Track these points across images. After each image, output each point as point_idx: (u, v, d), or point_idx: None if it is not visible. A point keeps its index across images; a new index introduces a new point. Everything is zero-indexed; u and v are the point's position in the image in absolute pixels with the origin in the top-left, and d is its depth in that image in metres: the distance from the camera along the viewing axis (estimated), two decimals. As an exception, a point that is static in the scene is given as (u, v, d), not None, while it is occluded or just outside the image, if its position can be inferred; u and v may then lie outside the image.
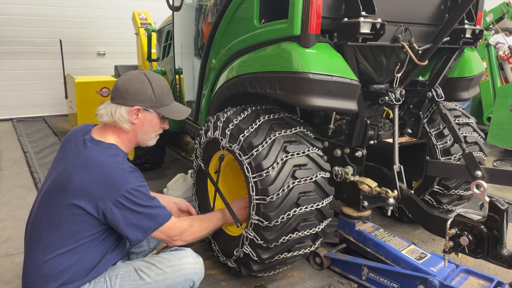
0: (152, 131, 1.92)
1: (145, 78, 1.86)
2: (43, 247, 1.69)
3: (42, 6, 6.86)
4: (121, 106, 1.81)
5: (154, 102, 1.86)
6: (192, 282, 1.83)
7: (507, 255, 1.78)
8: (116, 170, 1.68)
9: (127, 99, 1.81)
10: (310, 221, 2.16)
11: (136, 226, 1.69)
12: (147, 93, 1.84)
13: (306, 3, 2.00)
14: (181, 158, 4.95)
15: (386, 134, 2.53)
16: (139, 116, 1.84)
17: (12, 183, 4.08)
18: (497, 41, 5.73)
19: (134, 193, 1.66)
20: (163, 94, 1.90)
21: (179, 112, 2.00)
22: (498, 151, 5.46)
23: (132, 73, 1.90)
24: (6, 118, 6.97)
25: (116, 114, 1.80)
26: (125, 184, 1.65)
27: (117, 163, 1.71)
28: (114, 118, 1.80)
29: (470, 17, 2.51)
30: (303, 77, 2.01)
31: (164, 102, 1.90)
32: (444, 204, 2.90)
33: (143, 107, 1.83)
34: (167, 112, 1.92)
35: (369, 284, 2.40)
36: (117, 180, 1.66)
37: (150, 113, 1.87)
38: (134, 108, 1.81)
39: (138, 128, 1.87)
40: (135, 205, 1.67)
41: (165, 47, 4.50)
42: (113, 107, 1.81)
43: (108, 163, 1.70)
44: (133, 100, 1.82)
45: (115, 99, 1.84)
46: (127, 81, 1.85)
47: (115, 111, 1.80)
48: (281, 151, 2.12)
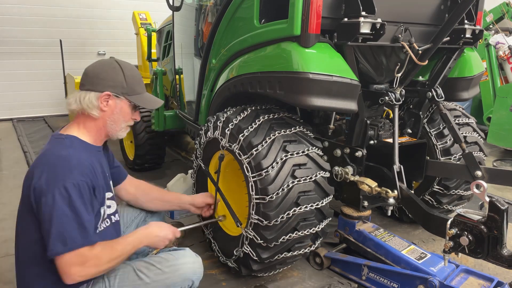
0: (123, 120, 1.83)
1: (116, 65, 1.79)
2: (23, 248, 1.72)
3: (42, 6, 6.86)
4: (90, 92, 1.73)
5: (126, 88, 1.78)
6: (191, 281, 1.82)
7: (507, 255, 1.78)
8: (61, 159, 1.59)
9: (97, 84, 1.73)
10: (310, 221, 2.16)
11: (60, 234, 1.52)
12: (118, 79, 1.76)
13: (306, 3, 2.00)
14: (181, 158, 4.95)
15: (386, 134, 2.53)
16: (109, 103, 1.75)
17: (12, 183, 4.08)
18: (497, 41, 5.73)
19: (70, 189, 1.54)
20: (135, 82, 1.82)
21: (150, 101, 1.91)
22: (498, 151, 5.46)
23: (103, 60, 1.84)
24: (6, 118, 6.97)
25: (84, 100, 1.71)
26: (64, 176, 1.55)
27: (66, 154, 1.61)
28: (82, 104, 1.71)
29: (470, 17, 2.51)
30: (303, 77, 2.01)
31: (136, 90, 1.82)
32: (444, 204, 2.90)
33: (113, 93, 1.75)
34: (139, 100, 1.83)
35: (369, 284, 2.40)
36: (58, 170, 1.57)
37: (121, 100, 1.78)
38: (104, 93, 1.73)
39: (108, 116, 1.77)
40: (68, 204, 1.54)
41: (165, 47, 4.50)
42: (82, 93, 1.73)
43: (56, 152, 1.63)
44: (103, 85, 1.74)
45: (84, 86, 1.75)
46: (98, 66, 1.78)
47: (84, 97, 1.72)
48: (281, 150, 2.12)
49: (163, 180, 3.97)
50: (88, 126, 1.77)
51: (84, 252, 1.57)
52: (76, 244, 1.54)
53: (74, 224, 1.55)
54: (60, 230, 1.53)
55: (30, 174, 1.63)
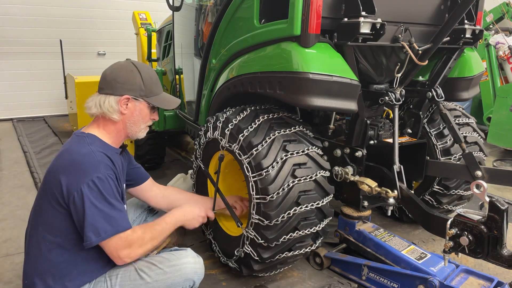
0: (142, 121, 1.88)
1: (133, 67, 1.82)
2: (36, 243, 1.71)
3: (42, 6, 6.86)
4: (109, 96, 1.77)
5: (144, 91, 1.82)
6: (192, 282, 1.83)
7: (507, 255, 1.78)
8: (85, 156, 1.65)
9: (116, 88, 1.77)
10: (310, 220, 2.16)
11: (91, 221, 1.60)
12: (136, 81, 1.80)
13: (306, 3, 2.00)
14: (181, 158, 4.95)
15: (386, 134, 2.53)
16: (128, 105, 1.80)
17: (12, 183, 4.08)
18: (497, 41, 5.73)
19: (98, 183, 1.61)
20: (152, 83, 1.86)
21: (168, 101, 1.95)
22: (498, 151, 5.46)
23: (120, 62, 1.86)
24: (6, 118, 6.97)
25: (105, 104, 1.76)
26: (90, 171, 1.62)
27: (89, 150, 1.67)
28: (103, 109, 1.76)
29: (470, 17, 2.51)
30: (303, 77, 2.01)
31: (154, 91, 1.86)
32: (444, 204, 2.90)
33: (132, 96, 1.79)
34: (157, 101, 1.88)
35: (369, 284, 2.40)
36: (84, 166, 1.62)
37: (140, 102, 1.83)
38: (124, 97, 1.78)
39: (128, 118, 1.83)
40: (97, 197, 1.61)
41: (165, 47, 4.50)
42: (101, 98, 1.78)
43: (79, 149, 1.67)
44: (122, 89, 1.78)
45: (103, 90, 1.80)
46: (115, 70, 1.81)
47: (104, 101, 1.76)
48: (281, 150, 2.13)
49: (163, 180, 3.97)
50: (108, 128, 1.82)
51: (126, 236, 1.67)
52: (107, 234, 1.62)
53: (105, 215, 1.62)
54: (91, 222, 1.59)
55: (54, 170, 1.67)
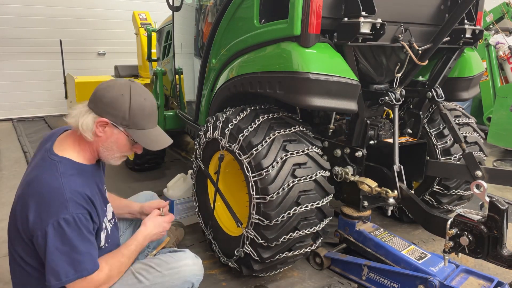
0: (117, 150, 1.70)
1: (126, 91, 1.62)
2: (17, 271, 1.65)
3: (42, 6, 6.86)
4: (91, 113, 1.62)
5: (126, 120, 1.62)
6: (191, 284, 1.81)
7: (507, 255, 1.78)
8: (54, 193, 1.50)
9: (98, 106, 1.62)
10: (310, 220, 2.16)
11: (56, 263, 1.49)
12: (121, 107, 1.61)
13: (306, 3, 2.00)
14: (181, 158, 4.94)
15: (386, 134, 2.53)
16: (105, 129, 1.63)
17: (12, 183, 4.08)
18: (497, 41, 5.73)
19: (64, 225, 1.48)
20: (142, 116, 1.65)
21: (155, 141, 1.72)
22: (498, 151, 5.46)
23: (118, 81, 1.68)
24: (6, 118, 6.97)
25: (81, 119, 1.61)
26: (58, 211, 1.48)
27: (59, 185, 1.51)
28: (79, 121, 1.61)
29: (470, 17, 2.51)
30: (303, 77, 2.01)
31: (139, 125, 1.65)
32: (444, 204, 2.90)
33: (112, 122, 1.62)
34: (139, 137, 1.67)
35: (369, 284, 2.40)
36: (51, 204, 1.49)
37: (119, 131, 1.64)
38: (102, 119, 1.61)
39: (102, 142, 1.66)
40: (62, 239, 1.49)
41: (165, 47, 4.50)
42: (84, 110, 1.63)
43: (49, 181, 1.52)
44: (104, 110, 1.61)
45: (90, 102, 1.65)
46: (107, 88, 1.64)
47: (83, 115, 1.61)
48: (281, 150, 2.13)
49: (163, 180, 3.97)
50: (83, 145, 1.67)
51: (92, 278, 1.57)
52: (69, 278, 1.51)
53: (68, 258, 1.50)
54: (52, 265, 1.49)
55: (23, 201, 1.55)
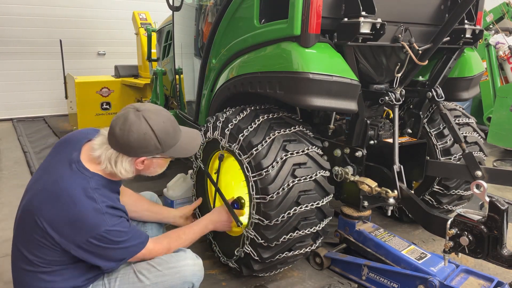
0: (160, 169, 1.80)
1: (146, 127, 1.61)
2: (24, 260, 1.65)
3: (42, 6, 6.87)
4: (122, 156, 1.63)
5: (160, 149, 1.68)
6: (191, 284, 1.81)
7: (507, 255, 1.78)
8: (90, 210, 1.54)
9: (130, 152, 1.64)
10: (310, 220, 2.16)
11: (108, 258, 1.64)
12: (151, 143, 1.64)
13: (306, 3, 2.00)
14: (181, 158, 4.94)
15: (386, 134, 2.53)
16: (145, 163, 1.71)
17: (12, 183, 4.07)
18: (497, 41, 5.73)
19: (107, 234, 1.56)
20: (169, 137, 1.70)
21: (187, 149, 1.81)
22: (498, 151, 5.46)
23: (131, 119, 1.61)
24: (6, 118, 6.97)
25: (117, 166, 1.63)
26: (97, 227, 1.54)
27: (94, 201, 1.55)
28: (115, 170, 1.63)
29: (470, 17, 2.51)
30: (303, 77, 2.01)
31: (171, 144, 1.72)
32: (444, 204, 2.90)
33: (149, 157, 1.69)
34: (176, 152, 1.75)
35: (369, 284, 2.40)
36: (90, 222, 1.54)
37: (157, 158, 1.73)
38: (139, 159, 1.67)
39: (144, 171, 1.75)
40: (107, 243, 1.58)
41: (165, 47, 4.50)
42: (113, 154, 1.62)
43: (83, 200, 1.54)
44: (137, 152, 1.64)
45: (114, 145, 1.63)
46: (127, 132, 1.59)
47: (116, 161, 1.63)
48: (281, 150, 2.13)
49: (163, 180, 3.96)
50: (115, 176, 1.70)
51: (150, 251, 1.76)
52: (125, 259, 1.70)
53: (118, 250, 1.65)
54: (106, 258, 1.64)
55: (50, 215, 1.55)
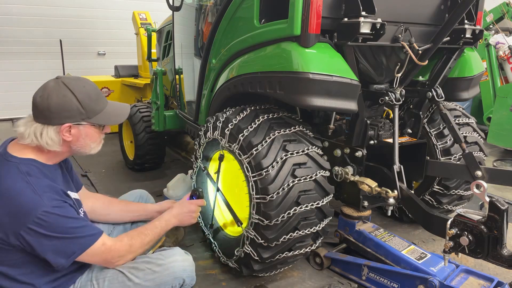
0: (91, 141, 1.70)
1: (65, 90, 1.58)
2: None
3: (42, 6, 6.87)
4: (47, 126, 1.56)
5: (85, 113, 1.61)
6: (182, 280, 1.78)
7: (507, 255, 1.78)
8: (24, 193, 1.47)
9: (51, 118, 1.56)
10: (310, 220, 2.16)
11: (56, 251, 1.51)
12: (72, 106, 1.58)
13: (306, 3, 2.00)
14: (181, 158, 4.94)
15: (386, 134, 2.53)
16: (72, 132, 1.61)
17: (12, 183, 4.07)
18: (497, 41, 5.73)
19: (46, 217, 1.46)
20: (92, 101, 1.64)
21: (116, 115, 1.76)
22: (498, 151, 5.46)
23: (49, 85, 1.60)
24: (6, 118, 6.97)
25: (42, 137, 1.56)
26: (35, 208, 1.45)
27: (27, 183, 1.48)
28: (40, 141, 1.56)
29: (470, 17, 2.51)
30: (303, 77, 2.01)
31: (96, 109, 1.66)
32: (444, 204, 2.90)
33: (74, 123, 1.60)
34: (103, 119, 1.69)
35: (369, 284, 2.40)
36: (25, 204, 1.46)
37: (84, 126, 1.64)
38: (64, 125, 1.58)
39: (73, 143, 1.65)
40: (50, 230, 1.48)
41: (165, 47, 4.50)
42: (37, 128, 1.56)
43: (15, 185, 1.48)
44: (60, 117, 1.57)
45: (38, 118, 1.58)
46: (46, 97, 1.56)
47: (41, 132, 1.56)
48: (281, 150, 2.13)
49: (163, 180, 3.97)
50: (47, 154, 1.64)
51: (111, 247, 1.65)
52: (76, 253, 1.56)
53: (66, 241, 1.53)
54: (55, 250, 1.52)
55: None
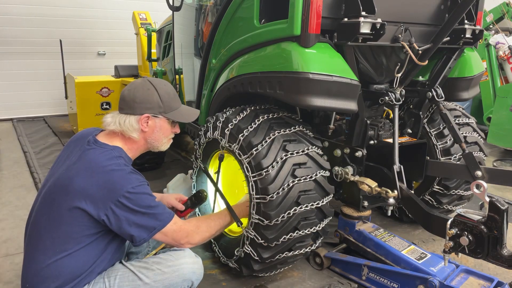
0: (163, 136, 1.92)
1: (150, 85, 1.85)
2: (43, 250, 1.68)
3: (42, 6, 6.87)
4: (130, 116, 1.81)
5: (162, 108, 1.85)
6: (191, 282, 1.83)
7: (507, 255, 1.78)
8: (117, 172, 1.68)
9: (135, 108, 1.81)
10: (310, 220, 2.16)
11: (140, 226, 1.68)
12: (153, 99, 1.83)
13: (306, 3, 2.00)
14: (181, 158, 4.95)
15: (386, 134, 2.53)
16: (149, 123, 1.84)
17: (12, 183, 4.08)
18: (497, 41, 5.73)
19: (134, 193, 1.65)
20: (170, 99, 1.89)
21: (188, 114, 1.99)
22: (498, 151, 5.46)
23: (137, 81, 1.89)
24: (6, 118, 6.97)
25: (125, 123, 1.80)
26: (125, 184, 1.65)
27: (119, 165, 1.70)
28: (122, 127, 1.80)
29: (470, 17, 2.51)
30: (303, 77, 2.01)
31: (172, 107, 1.89)
32: (444, 204, 2.90)
33: (152, 114, 1.84)
34: (176, 116, 1.91)
35: (369, 284, 2.40)
36: (117, 181, 1.65)
37: (160, 119, 1.87)
38: (144, 116, 1.82)
39: (149, 135, 1.87)
40: (136, 205, 1.65)
41: (165, 47, 4.50)
42: (121, 117, 1.81)
43: (110, 165, 1.69)
44: (141, 108, 1.82)
45: (123, 110, 1.84)
46: (133, 90, 1.84)
47: (124, 120, 1.80)
48: (281, 150, 2.13)
49: (163, 180, 3.97)
50: (130, 144, 1.85)
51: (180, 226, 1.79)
52: (156, 229, 1.71)
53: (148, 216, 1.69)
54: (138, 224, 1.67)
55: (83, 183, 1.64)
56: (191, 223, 1.90)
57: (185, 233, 1.82)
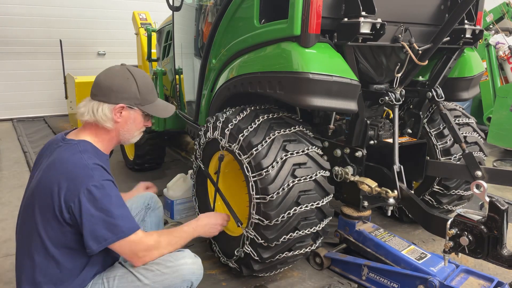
0: (136, 129, 1.86)
1: (129, 75, 1.78)
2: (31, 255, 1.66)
3: (42, 6, 6.87)
4: (103, 104, 1.73)
5: (139, 99, 1.78)
6: (190, 282, 1.81)
7: (507, 255, 1.79)
8: (78, 166, 1.60)
9: (110, 96, 1.73)
10: (310, 220, 2.16)
11: (91, 234, 1.58)
12: (131, 90, 1.76)
13: (306, 3, 2.00)
14: (181, 158, 4.95)
15: (386, 134, 2.53)
16: (123, 114, 1.77)
17: (12, 183, 4.08)
18: (497, 41, 5.73)
19: (94, 191, 1.57)
20: (148, 91, 1.82)
21: (164, 109, 1.93)
22: (498, 151, 5.46)
23: (115, 68, 1.81)
24: (6, 118, 6.97)
25: (98, 112, 1.71)
26: (85, 180, 1.57)
27: (81, 159, 1.63)
28: (96, 116, 1.72)
29: (470, 17, 2.51)
30: (303, 77, 2.01)
31: (149, 99, 1.83)
32: (444, 204, 2.90)
33: (127, 105, 1.76)
34: (152, 110, 1.85)
35: (369, 284, 2.40)
36: (78, 176, 1.58)
37: (135, 111, 1.80)
38: (118, 106, 1.74)
39: (121, 126, 1.80)
40: (95, 206, 1.57)
41: (165, 47, 4.50)
42: (94, 104, 1.73)
43: (71, 159, 1.63)
44: (117, 97, 1.74)
45: (96, 96, 1.75)
46: (110, 77, 1.76)
47: (97, 109, 1.72)
48: (281, 150, 2.13)
49: (163, 180, 3.97)
50: (100, 135, 1.78)
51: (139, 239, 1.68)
52: (108, 241, 1.61)
53: (103, 223, 1.59)
54: (90, 231, 1.58)
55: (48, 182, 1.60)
56: (152, 236, 1.77)
57: (144, 247, 1.71)
